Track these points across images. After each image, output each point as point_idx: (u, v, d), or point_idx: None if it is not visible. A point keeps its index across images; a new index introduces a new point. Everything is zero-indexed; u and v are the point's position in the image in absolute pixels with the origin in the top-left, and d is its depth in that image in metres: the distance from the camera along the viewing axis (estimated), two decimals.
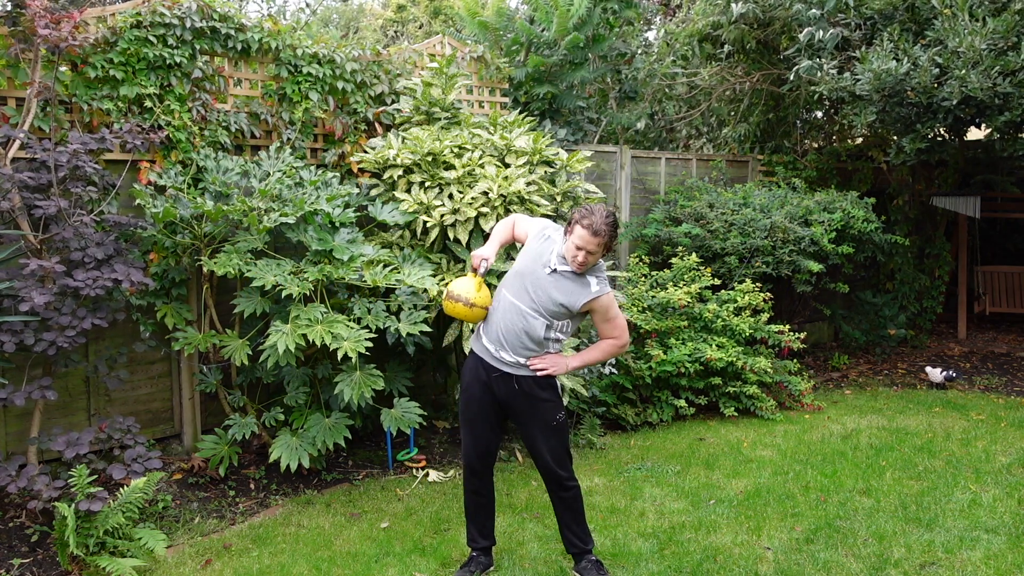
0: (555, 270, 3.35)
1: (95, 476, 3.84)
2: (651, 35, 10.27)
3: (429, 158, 4.84)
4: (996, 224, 10.07)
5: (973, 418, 6.12)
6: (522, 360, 3.40)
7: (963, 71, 6.12)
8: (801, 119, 8.94)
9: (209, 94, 4.69)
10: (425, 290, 4.47)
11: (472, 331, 4.60)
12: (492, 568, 3.66)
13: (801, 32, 7.13)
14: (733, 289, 6.51)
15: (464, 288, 3.44)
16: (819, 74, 6.88)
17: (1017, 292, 9.47)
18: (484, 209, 4.66)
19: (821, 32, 6.93)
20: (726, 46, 8.19)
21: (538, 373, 3.42)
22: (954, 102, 6.28)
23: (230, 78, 4.85)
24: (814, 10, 7.05)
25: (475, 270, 3.47)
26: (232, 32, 4.70)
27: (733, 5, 7.45)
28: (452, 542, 3.93)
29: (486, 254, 3.49)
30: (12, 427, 4.28)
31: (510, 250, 4.55)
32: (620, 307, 5.70)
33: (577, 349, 5.03)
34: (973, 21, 6.18)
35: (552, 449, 3.49)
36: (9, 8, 3.92)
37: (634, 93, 8.18)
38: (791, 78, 7.28)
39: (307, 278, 4.27)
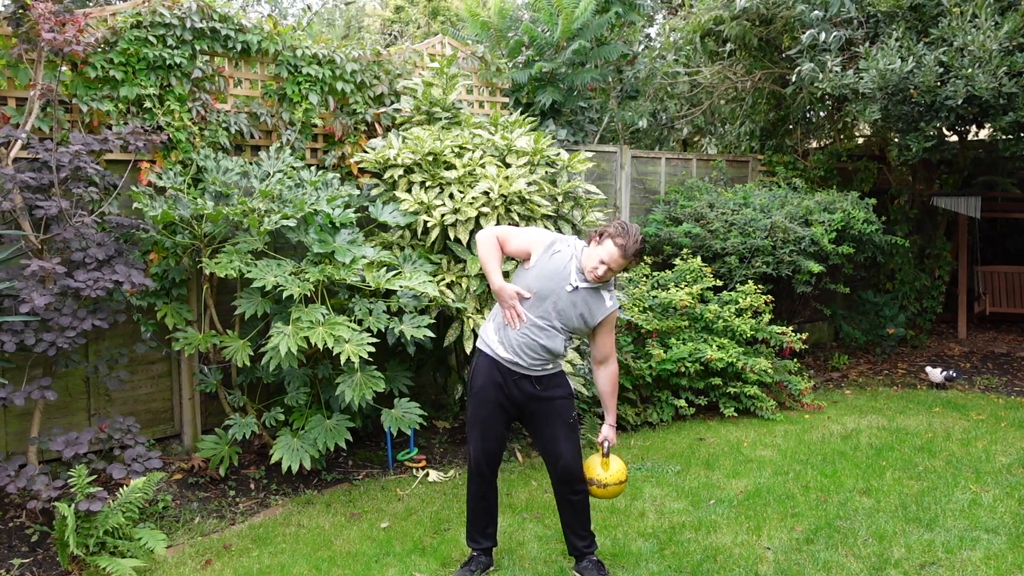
0: (576, 288, 3.37)
1: (95, 476, 3.84)
2: (653, 31, 10.26)
3: (430, 158, 4.84)
4: (996, 224, 10.07)
5: (973, 418, 6.12)
6: (537, 365, 3.44)
7: (969, 70, 6.11)
8: (803, 119, 8.93)
9: (209, 94, 4.69)
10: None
11: (473, 332, 4.61)
12: (492, 568, 3.66)
13: (803, 33, 7.11)
14: (735, 290, 6.50)
15: (595, 472, 3.52)
16: (820, 76, 6.88)
17: (1017, 292, 9.46)
18: (485, 209, 4.66)
19: (823, 35, 6.92)
20: (728, 43, 8.17)
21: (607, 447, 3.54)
22: (958, 101, 6.27)
23: (230, 78, 4.85)
24: (816, 12, 7.03)
25: (601, 450, 3.54)
26: (232, 33, 4.70)
27: None
28: (452, 542, 3.93)
29: (518, 307, 3.38)
30: (12, 427, 4.28)
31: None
32: (621, 307, 5.73)
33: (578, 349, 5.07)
34: (985, 20, 6.17)
35: (571, 447, 3.51)
36: (12, 9, 3.91)
37: (635, 92, 8.17)
38: (793, 79, 7.27)
39: (308, 279, 4.26)
